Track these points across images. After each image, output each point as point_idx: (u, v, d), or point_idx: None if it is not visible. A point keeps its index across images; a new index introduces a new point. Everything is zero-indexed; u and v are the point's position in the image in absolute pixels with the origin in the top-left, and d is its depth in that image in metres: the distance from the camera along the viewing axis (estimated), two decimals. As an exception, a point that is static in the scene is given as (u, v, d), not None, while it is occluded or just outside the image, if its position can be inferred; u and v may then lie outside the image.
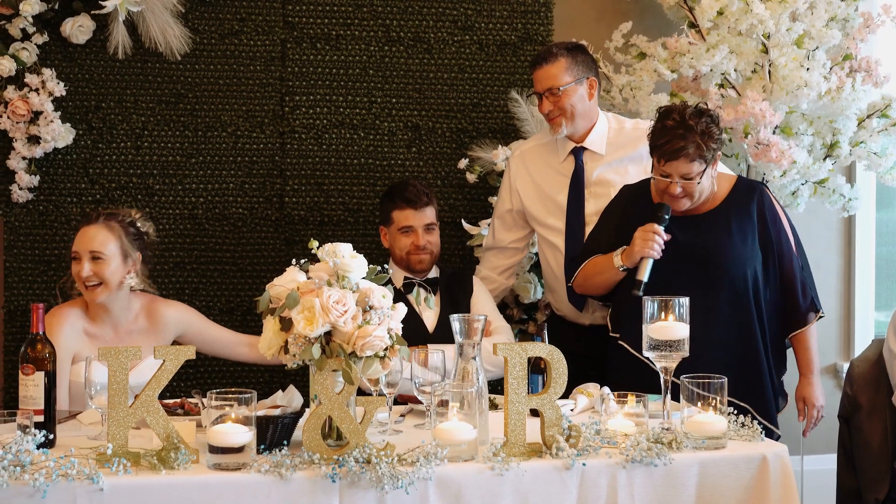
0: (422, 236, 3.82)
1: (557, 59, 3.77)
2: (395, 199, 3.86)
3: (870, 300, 5.05)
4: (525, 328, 4.36)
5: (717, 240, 3.42)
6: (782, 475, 2.67)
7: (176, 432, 2.50)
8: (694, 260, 3.42)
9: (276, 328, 2.56)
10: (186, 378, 4.16)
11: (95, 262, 3.30)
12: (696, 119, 3.32)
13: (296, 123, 4.35)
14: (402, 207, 3.84)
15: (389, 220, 3.87)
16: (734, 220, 3.45)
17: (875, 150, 4.35)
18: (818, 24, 4.10)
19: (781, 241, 3.47)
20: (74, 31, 4.09)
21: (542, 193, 3.93)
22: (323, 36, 4.36)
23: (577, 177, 3.88)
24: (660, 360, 2.78)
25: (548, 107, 3.78)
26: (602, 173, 3.86)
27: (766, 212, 3.46)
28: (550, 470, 2.56)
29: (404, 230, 3.83)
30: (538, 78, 3.80)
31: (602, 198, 3.82)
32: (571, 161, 3.90)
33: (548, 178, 3.93)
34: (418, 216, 3.83)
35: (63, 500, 2.33)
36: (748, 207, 3.47)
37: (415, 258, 3.82)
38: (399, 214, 3.84)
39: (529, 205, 3.95)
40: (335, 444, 2.57)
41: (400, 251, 3.84)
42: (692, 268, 3.40)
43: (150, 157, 4.26)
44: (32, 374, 2.63)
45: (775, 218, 3.48)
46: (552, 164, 3.93)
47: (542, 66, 3.78)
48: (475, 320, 2.77)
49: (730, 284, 3.40)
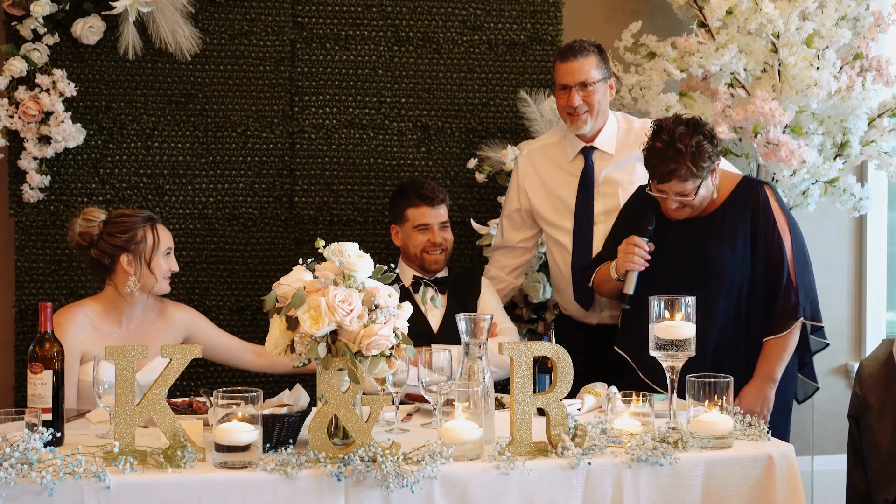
0: (438, 233, 3.82)
1: (589, 54, 3.76)
2: (411, 196, 3.85)
3: (881, 300, 5.03)
4: (534, 328, 4.36)
5: (709, 243, 3.44)
6: (788, 475, 2.67)
7: (183, 431, 2.51)
8: (687, 263, 3.44)
9: (282, 327, 2.57)
10: (195, 377, 4.18)
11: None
12: (686, 140, 3.31)
13: (305, 123, 4.36)
14: (418, 205, 3.83)
15: (403, 217, 3.86)
16: (728, 223, 3.45)
17: (886, 149, 4.33)
18: (828, 23, 4.09)
19: (773, 242, 3.43)
20: (85, 31, 4.10)
21: (551, 193, 3.93)
22: (332, 36, 4.37)
23: (587, 176, 3.88)
24: (666, 360, 2.78)
25: (577, 100, 3.75)
26: (611, 173, 3.87)
27: (760, 211, 3.44)
28: (556, 469, 2.56)
29: (420, 228, 3.83)
30: (570, 70, 3.75)
31: (610, 197, 3.82)
32: (581, 161, 3.89)
33: (556, 177, 3.93)
34: (434, 213, 3.83)
35: (70, 498, 2.34)
36: (743, 208, 3.46)
37: (430, 257, 3.82)
38: (415, 212, 3.84)
39: (537, 204, 3.95)
40: (341, 443, 2.58)
41: (415, 249, 3.83)
42: (685, 271, 3.42)
43: (161, 157, 4.28)
44: (41, 372, 2.65)
45: (769, 218, 3.44)
46: (560, 164, 3.93)
47: (576, 60, 3.75)
48: (481, 319, 2.78)
49: (719, 287, 3.40)
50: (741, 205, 3.47)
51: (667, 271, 3.42)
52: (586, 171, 3.88)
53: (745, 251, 3.43)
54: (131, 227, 3.36)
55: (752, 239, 3.43)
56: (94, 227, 3.38)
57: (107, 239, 3.35)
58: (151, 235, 3.37)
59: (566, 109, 3.80)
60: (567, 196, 3.89)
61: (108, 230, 3.36)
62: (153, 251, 3.36)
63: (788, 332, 3.40)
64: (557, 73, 3.81)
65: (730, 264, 3.42)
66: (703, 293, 3.29)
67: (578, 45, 3.78)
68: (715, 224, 3.46)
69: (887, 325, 5.04)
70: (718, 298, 3.41)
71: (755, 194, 3.47)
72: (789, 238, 3.45)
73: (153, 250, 3.36)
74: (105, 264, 3.37)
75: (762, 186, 3.51)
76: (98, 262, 3.38)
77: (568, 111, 3.80)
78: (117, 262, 3.35)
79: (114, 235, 3.35)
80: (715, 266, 3.42)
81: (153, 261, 3.36)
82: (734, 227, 3.44)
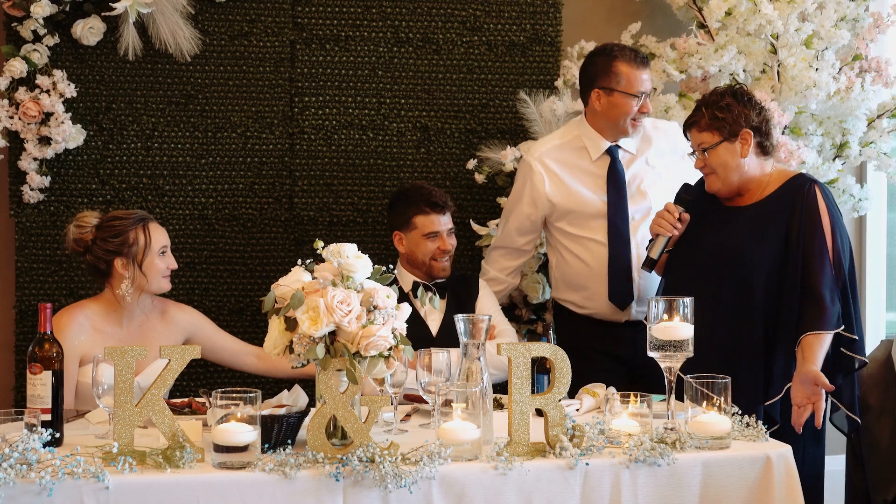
0: (447, 241, 3.82)
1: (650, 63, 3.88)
2: (420, 203, 3.82)
3: (881, 301, 5.03)
4: (533, 328, 4.36)
5: (741, 236, 3.39)
6: (786, 475, 2.67)
7: (181, 431, 2.51)
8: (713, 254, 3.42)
9: (281, 328, 2.58)
10: (195, 378, 4.18)
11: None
12: (716, 96, 3.46)
13: (305, 124, 4.37)
14: (428, 212, 3.81)
15: (410, 224, 3.83)
16: (764, 218, 3.40)
17: (885, 150, 4.33)
18: (827, 24, 4.09)
19: (814, 246, 3.30)
20: (85, 32, 4.11)
21: (575, 193, 3.88)
22: (332, 37, 4.38)
23: (617, 174, 3.87)
24: (664, 361, 2.78)
25: (650, 107, 3.85)
26: (634, 170, 3.90)
27: (804, 214, 3.34)
28: (554, 469, 2.56)
29: (430, 235, 3.81)
30: (645, 78, 3.80)
31: (637, 194, 3.87)
32: (605, 160, 3.88)
33: (579, 178, 3.88)
34: (444, 221, 3.83)
35: (69, 499, 2.34)
36: (784, 206, 3.38)
37: (438, 264, 3.81)
38: (424, 220, 3.82)
39: (562, 206, 3.89)
40: (339, 444, 2.58)
41: (423, 256, 3.81)
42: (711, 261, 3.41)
43: (161, 158, 4.29)
44: (40, 373, 2.66)
45: (812, 223, 3.33)
46: (581, 164, 3.89)
47: (647, 68, 3.82)
48: (479, 321, 2.78)
49: (742, 276, 3.34)
50: (785, 200, 3.39)
51: (696, 256, 3.46)
52: (615, 168, 3.88)
53: (775, 247, 3.34)
54: (123, 231, 3.35)
55: (788, 235, 3.34)
56: (87, 232, 3.38)
57: (100, 244, 3.35)
58: (143, 236, 3.36)
59: (632, 115, 3.81)
60: (595, 196, 3.87)
61: (101, 235, 3.36)
62: (145, 251, 3.35)
63: (824, 332, 3.23)
64: (630, 78, 3.78)
65: (754, 260, 3.35)
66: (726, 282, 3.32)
67: (641, 53, 3.85)
68: (753, 217, 3.42)
69: (887, 325, 5.04)
70: (741, 288, 3.34)
71: (803, 192, 3.37)
72: (832, 244, 3.32)
73: (145, 250, 3.35)
74: (101, 269, 3.38)
75: (813, 184, 3.40)
76: (95, 268, 3.39)
77: (636, 117, 3.81)
78: (113, 266, 3.35)
79: (106, 241, 3.35)
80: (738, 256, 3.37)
81: (146, 261, 3.34)
82: (770, 220, 3.38)
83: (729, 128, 3.39)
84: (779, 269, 3.33)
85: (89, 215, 3.42)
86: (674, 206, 3.52)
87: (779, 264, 3.33)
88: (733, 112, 3.40)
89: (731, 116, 3.39)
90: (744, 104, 3.42)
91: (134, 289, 3.35)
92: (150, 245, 3.37)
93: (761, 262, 3.35)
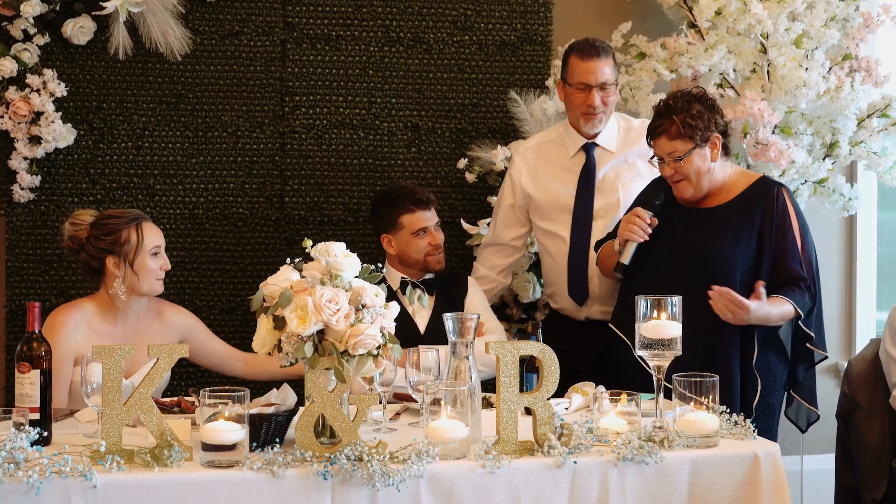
0: (436, 235, 3.83)
1: (608, 55, 3.78)
2: (404, 202, 3.82)
3: (871, 300, 5.04)
4: (524, 327, 4.37)
5: (711, 237, 3.42)
6: (774, 474, 2.68)
7: (170, 430, 2.51)
8: (686, 255, 3.43)
9: (269, 326, 2.58)
10: (186, 377, 4.18)
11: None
12: (681, 102, 3.40)
13: (296, 124, 4.37)
14: (413, 210, 3.81)
15: (397, 225, 3.82)
16: (735, 219, 3.43)
17: (875, 149, 4.34)
18: (817, 23, 4.10)
19: (786, 243, 3.39)
20: (75, 31, 4.11)
21: (548, 187, 3.91)
22: (323, 36, 4.38)
23: (588, 172, 3.88)
24: (653, 359, 2.78)
25: (598, 100, 3.77)
26: (610, 170, 3.89)
27: (775, 216, 3.41)
28: (542, 468, 2.56)
29: (419, 232, 3.81)
30: (592, 69, 3.73)
31: (610, 193, 3.86)
32: (581, 157, 3.90)
33: (555, 173, 3.92)
34: (430, 216, 3.84)
35: (57, 497, 2.34)
36: (754, 208, 3.43)
37: (433, 258, 3.82)
38: (411, 218, 3.81)
39: (535, 197, 3.93)
40: (328, 442, 2.58)
41: (416, 255, 3.81)
42: (684, 263, 3.41)
43: (151, 158, 4.28)
44: (28, 372, 2.66)
45: (784, 219, 3.41)
46: (559, 161, 3.92)
47: (598, 59, 3.74)
48: (468, 319, 2.78)
49: (716, 279, 3.33)
50: (754, 201, 3.44)
51: (668, 257, 3.44)
52: (588, 166, 3.89)
53: (746, 250, 3.39)
54: (116, 229, 3.35)
55: (760, 236, 3.40)
56: (82, 230, 3.37)
57: (94, 242, 3.35)
58: (136, 235, 3.36)
59: (582, 108, 3.79)
60: (565, 191, 3.89)
61: (95, 233, 3.35)
62: (136, 251, 3.34)
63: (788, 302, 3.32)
64: (576, 70, 3.77)
65: (725, 261, 3.38)
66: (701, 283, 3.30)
67: (599, 45, 3.78)
68: (722, 218, 3.44)
69: (877, 325, 5.04)
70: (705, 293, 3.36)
71: (772, 196, 3.43)
72: (801, 246, 3.42)
73: (137, 250, 3.35)
74: (94, 267, 3.37)
75: (780, 188, 3.47)
76: (88, 266, 3.39)
77: (584, 110, 3.79)
78: (105, 264, 3.35)
79: (99, 238, 3.35)
80: (713, 257, 3.39)
81: (137, 261, 3.34)
82: (742, 221, 3.41)
83: (701, 134, 3.38)
84: (752, 269, 3.38)
85: (85, 213, 3.42)
86: (643, 211, 3.48)
87: (752, 264, 3.39)
88: (704, 118, 3.39)
89: (703, 123, 3.38)
90: (710, 109, 3.42)
91: (126, 288, 3.35)
92: (142, 244, 3.36)
93: (735, 263, 3.38)
